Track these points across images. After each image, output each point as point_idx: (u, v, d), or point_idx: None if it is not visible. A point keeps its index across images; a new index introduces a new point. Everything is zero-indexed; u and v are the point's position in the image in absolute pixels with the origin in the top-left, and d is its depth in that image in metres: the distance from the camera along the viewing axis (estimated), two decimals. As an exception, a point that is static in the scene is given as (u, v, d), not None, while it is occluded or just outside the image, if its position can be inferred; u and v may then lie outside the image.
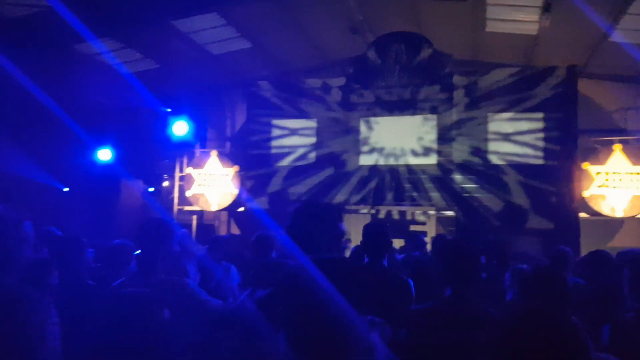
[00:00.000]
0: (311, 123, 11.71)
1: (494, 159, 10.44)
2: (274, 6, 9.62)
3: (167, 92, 10.99)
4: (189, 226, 12.10)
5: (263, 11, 9.78)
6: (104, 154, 11.49)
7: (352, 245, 7.08)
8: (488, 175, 10.34)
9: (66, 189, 12.39)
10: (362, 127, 11.28)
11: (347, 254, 6.15)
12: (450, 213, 10.58)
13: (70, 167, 11.73)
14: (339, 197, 11.11)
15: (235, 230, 12.56)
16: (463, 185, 10.48)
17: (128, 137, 11.79)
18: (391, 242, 4.11)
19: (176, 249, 3.14)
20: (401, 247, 7.91)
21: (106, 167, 11.61)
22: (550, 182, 9.99)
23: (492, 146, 10.50)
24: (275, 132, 12.05)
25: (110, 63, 10.45)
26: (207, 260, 4.67)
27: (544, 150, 10.21)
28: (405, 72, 10.80)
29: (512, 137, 10.41)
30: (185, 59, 10.90)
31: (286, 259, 3.56)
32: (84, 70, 10.37)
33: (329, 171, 11.40)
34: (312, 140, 11.69)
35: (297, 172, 11.65)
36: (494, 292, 4.16)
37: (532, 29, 9.85)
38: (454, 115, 10.69)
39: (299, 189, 11.50)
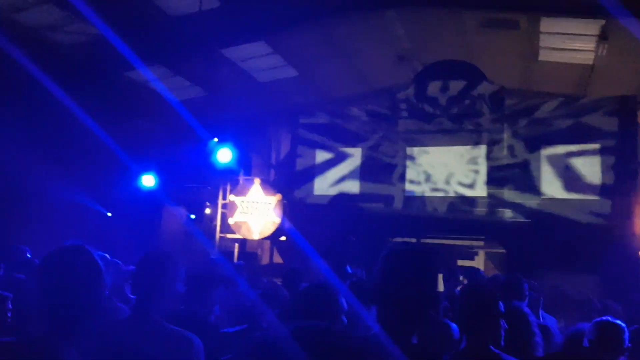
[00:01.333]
0: (356, 152, 11.52)
1: (548, 192, 9.94)
2: (321, 35, 9.60)
3: (213, 119, 11.03)
4: (230, 254, 11.98)
5: (310, 40, 9.77)
6: (148, 180, 11.57)
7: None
8: (541, 210, 9.84)
9: (109, 214, 12.53)
10: (409, 157, 11.00)
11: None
12: (500, 249, 10.11)
13: (115, 193, 11.87)
14: (384, 229, 10.79)
15: (277, 259, 12.38)
16: (514, 220, 9.99)
17: (172, 163, 11.87)
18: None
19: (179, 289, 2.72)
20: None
21: (149, 193, 11.68)
22: (608, 218, 9.43)
23: (545, 179, 10.02)
24: (320, 160, 11.90)
25: (158, 90, 10.59)
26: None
27: (601, 184, 9.67)
28: (454, 101, 10.53)
29: (567, 170, 9.92)
30: (232, 87, 10.96)
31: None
32: (133, 97, 10.55)
33: (373, 201, 11.12)
34: (357, 169, 11.48)
35: (341, 201, 11.42)
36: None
37: (587, 58, 9.51)
38: (504, 146, 10.29)
39: (343, 219, 11.25)
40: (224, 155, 11.05)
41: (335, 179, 11.70)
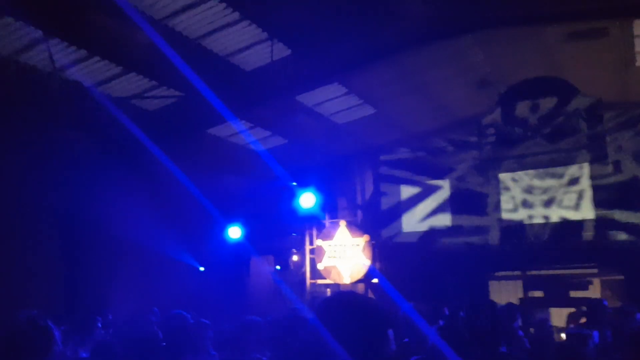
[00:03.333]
0: (444, 184, 11.07)
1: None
2: (395, 70, 9.40)
3: (295, 166, 11.04)
4: (323, 301, 11.73)
5: (384, 76, 9.60)
6: (234, 232, 11.68)
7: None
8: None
9: (202, 269, 12.72)
10: (502, 184, 10.38)
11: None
12: (617, 276, 9.18)
13: (204, 246, 12.07)
14: (482, 264, 10.16)
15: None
16: (630, 241, 9.07)
17: (257, 213, 11.95)
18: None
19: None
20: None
21: (236, 245, 11.77)
22: None
23: (661, 195, 9.10)
24: (406, 196, 11.55)
25: (240, 143, 10.78)
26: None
27: None
28: (546, 119, 9.89)
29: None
30: (311, 132, 10.94)
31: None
32: (216, 152, 10.77)
33: (467, 235, 10.54)
34: (447, 202, 11.00)
35: (432, 237, 10.94)
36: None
37: (693, 58, 8.68)
38: (609, 163, 9.48)
39: (435, 256, 10.75)
40: (307, 200, 10.99)
41: (424, 214, 11.26)
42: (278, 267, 12.59)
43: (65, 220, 9.51)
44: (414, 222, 11.41)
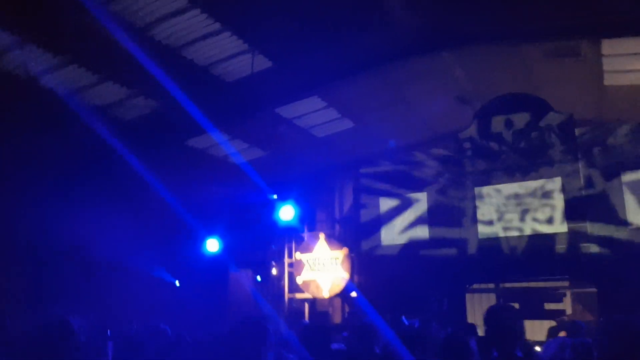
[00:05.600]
0: (422, 197, 11.18)
1: (635, 221, 9.20)
2: (374, 84, 9.52)
3: (274, 179, 11.05)
4: (301, 314, 11.67)
5: (364, 90, 9.71)
6: (212, 245, 11.58)
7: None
8: (631, 241, 9.08)
9: (177, 283, 12.57)
10: (478, 197, 10.54)
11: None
12: (589, 289, 9.33)
13: (180, 260, 11.94)
14: (459, 276, 10.25)
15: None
16: (602, 254, 9.24)
17: (235, 225, 11.89)
18: (523, 328, 3.38)
19: None
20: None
21: (214, 258, 11.66)
22: None
23: (630, 207, 9.31)
24: (385, 209, 11.62)
25: (219, 155, 10.76)
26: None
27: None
28: (521, 135, 10.10)
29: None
30: (290, 145, 10.99)
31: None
32: (195, 164, 10.73)
33: (445, 247, 10.64)
34: (425, 216, 11.10)
35: (411, 249, 11.01)
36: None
37: (658, 77, 8.95)
38: (580, 177, 9.69)
39: (413, 268, 10.80)
40: (287, 212, 10.97)
41: (403, 226, 11.34)
42: (259, 278, 12.49)
43: (36, 233, 9.33)
44: (393, 234, 11.48)
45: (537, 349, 7.80)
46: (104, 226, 9.09)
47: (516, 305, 10.10)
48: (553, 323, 8.89)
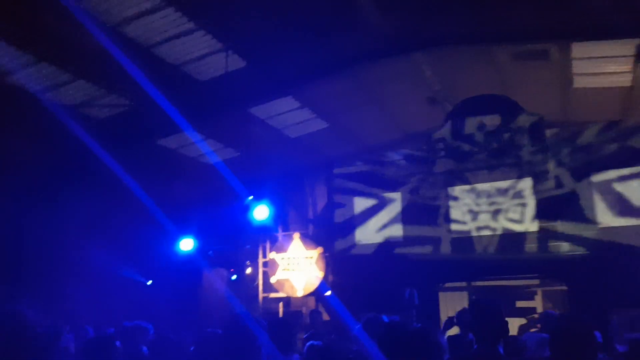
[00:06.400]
0: (397, 196, 11.27)
1: (603, 221, 9.44)
2: (348, 84, 9.55)
3: (248, 178, 10.96)
4: (275, 314, 11.64)
5: (337, 90, 9.72)
6: (186, 244, 11.46)
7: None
8: (600, 240, 9.32)
9: (149, 282, 12.39)
10: (451, 197, 10.67)
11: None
12: (560, 286, 9.54)
13: (153, 260, 11.78)
14: (432, 274, 10.36)
15: (325, 317, 11.95)
16: (572, 253, 9.46)
17: (209, 225, 11.78)
18: (507, 323, 3.44)
19: None
20: None
21: (188, 257, 11.54)
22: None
23: (599, 207, 9.56)
24: (359, 209, 11.67)
25: (192, 155, 10.63)
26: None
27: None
28: (492, 136, 10.26)
29: (620, 195, 9.44)
30: (264, 145, 10.92)
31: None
32: (168, 163, 10.59)
33: (419, 245, 10.74)
34: (399, 214, 11.18)
35: (386, 248, 11.08)
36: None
37: (625, 80, 9.19)
38: (551, 177, 9.90)
39: (387, 267, 10.88)
40: (261, 212, 10.93)
41: (378, 226, 11.41)
42: (234, 277, 12.41)
43: (4, 231, 9.09)
44: (367, 234, 11.54)
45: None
46: (76, 223, 8.91)
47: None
48: (524, 321, 9.08)
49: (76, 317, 8.51)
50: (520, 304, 9.69)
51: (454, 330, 5.88)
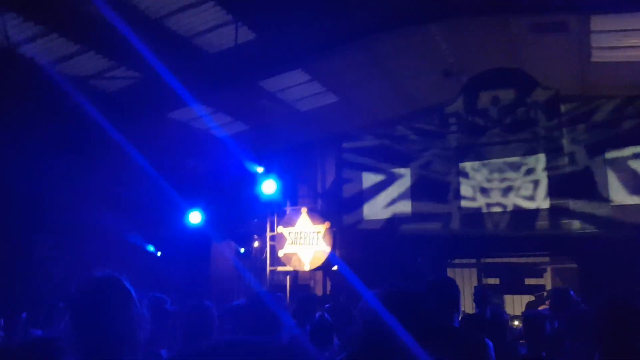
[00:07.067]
0: (406, 172, 11.16)
1: (617, 199, 9.31)
2: (359, 57, 9.35)
3: (257, 152, 10.90)
4: (282, 287, 11.69)
5: (348, 63, 9.54)
6: (195, 217, 11.49)
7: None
8: (612, 218, 9.21)
9: (159, 254, 12.49)
10: (462, 173, 10.54)
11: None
12: (570, 264, 9.48)
13: (163, 232, 11.84)
14: (442, 251, 10.32)
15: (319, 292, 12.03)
16: (584, 231, 9.36)
17: (218, 198, 11.78)
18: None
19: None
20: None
21: (197, 230, 11.59)
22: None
23: (613, 185, 9.41)
24: (368, 184, 11.59)
25: (201, 128, 10.55)
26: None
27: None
28: (507, 110, 10.07)
29: (635, 173, 9.28)
30: (273, 118, 10.81)
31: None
32: (177, 136, 10.52)
33: (428, 222, 10.67)
34: (408, 190, 11.09)
35: (394, 224, 11.03)
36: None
37: (645, 54, 8.95)
38: (564, 154, 9.74)
39: (396, 243, 10.85)
40: (269, 186, 10.90)
41: (386, 201, 11.33)
42: (242, 250, 12.47)
43: (15, 204, 9.11)
44: (375, 209, 11.48)
45: (516, 323, 7.96)
46: (87, 196, 8.92)
47: (497, 281, 10.28)
48: (532, 298, 9.07)
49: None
50: (529, 281, 9.66)
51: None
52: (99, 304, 1.81)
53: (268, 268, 12.24)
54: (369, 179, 11.62)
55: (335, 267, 11.64)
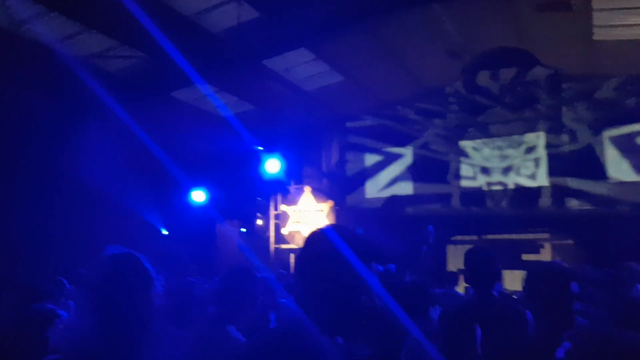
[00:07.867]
0: (407, 152, 11.25)
1: (615, 176, 9.39)
2: (364, 37, 9.38)
3: (262, 132, 10.99)
4: (286, 265, 11.88)
5: (354, 43, 9.56)
6: (198, 196, 11.63)
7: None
8: (610, 196, 9.30)
9: (165, 232, 12.65)
10: (462, 152, 10.63)
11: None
12: (568, 241, 9.60)
13: (169, 210, 11.99)
14: (443, 229, 10.44)
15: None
16: (584, 208, 9.47)
17: (222, 177, 11.90)
18: (500, 269, 3.52)
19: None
20: None
21: (201, 209, 11.73)
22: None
23: (612, 163, 9.48)
24: (370, 164, 11.70)
25: (205, 107, 10.63)
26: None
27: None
28: (507, 89, 10.11)
29: (635, 150, 9.34)
30: (278, 98, 10.87)
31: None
32: (181, 116, 10.62)
33: (429, 202, 10.80)
34: (409, 170, 11.20)
35: (395, 203, 11.16)
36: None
37: (647, 32, 8.95)
38: (565, 132, 9.80)
39: (397, 220, 10.99)
40: (273, 165, 11.01)
41: (387, 181, 11.46)
42: (244, 230, 12.63)
43: (21, 182, 9.24)
44: (377, 189, 11.61)
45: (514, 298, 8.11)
46: (89, 171, 9.01)
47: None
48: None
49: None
50: (526, 257, 9.77)
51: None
52: (120, 285, 1.80)
53: (272, 246, 12.43)
54: (371, 159, 11.74)
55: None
